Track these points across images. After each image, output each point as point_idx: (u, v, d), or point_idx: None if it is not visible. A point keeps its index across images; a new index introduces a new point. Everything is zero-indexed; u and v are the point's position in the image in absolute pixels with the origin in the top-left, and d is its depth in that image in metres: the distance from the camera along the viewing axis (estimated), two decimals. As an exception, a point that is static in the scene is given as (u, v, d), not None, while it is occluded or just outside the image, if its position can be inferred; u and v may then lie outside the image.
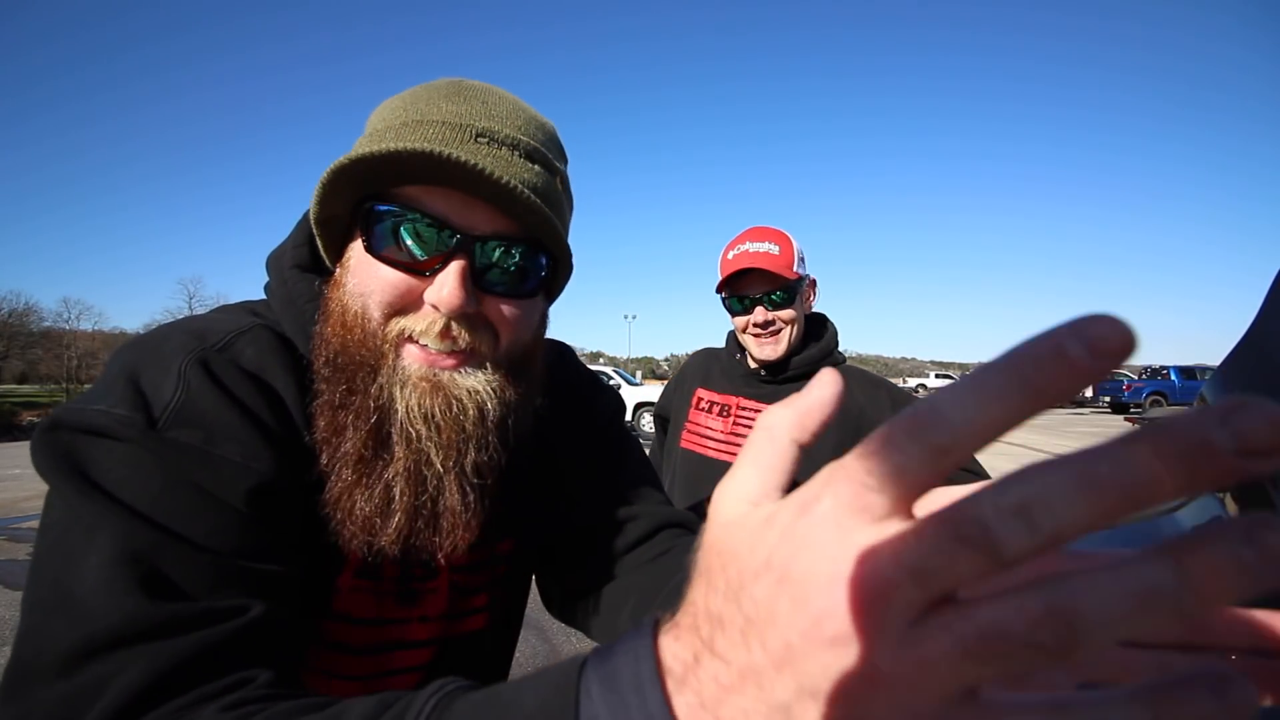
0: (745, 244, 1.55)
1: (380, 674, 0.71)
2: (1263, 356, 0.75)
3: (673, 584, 0.69)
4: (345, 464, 0.59)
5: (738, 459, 0.30)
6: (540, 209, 0.59)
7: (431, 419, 0.59)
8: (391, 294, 0.59)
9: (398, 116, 0.62)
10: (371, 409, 0.59)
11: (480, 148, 0.59)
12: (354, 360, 0.59)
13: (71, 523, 0.49)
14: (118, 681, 0.44)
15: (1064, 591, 0.19)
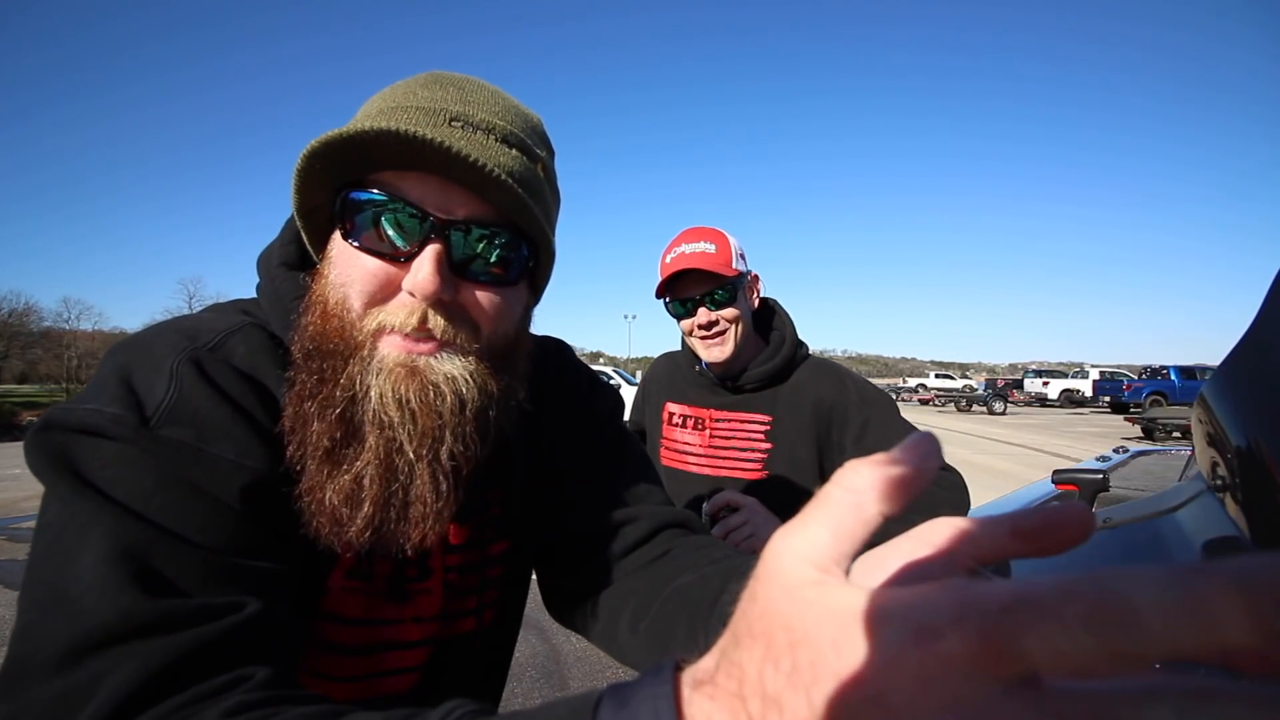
0: (681, 246, 1.53)
1: (373, 675, 0.70)
2: (1263, 356, 0.75)
3: (671, 589, 0.69)
4: (312, 455, 0.57)
5: (808, 511, 0.27)
6: (516, 192, 0.58)
7: (406, 404, 0.58)
8: (370, 283, 0.58)
9: (375, 106, 0.62)
10: (339, 397, 0.57)
11: (454, 131, 0.58)
12: (326, 349, 0.59)
13: (66, 522, 0.49)
14: (113, 678, 0.44)
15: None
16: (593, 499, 0.80)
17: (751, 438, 1.54)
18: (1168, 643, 0.18)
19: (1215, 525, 0.78)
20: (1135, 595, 0.18)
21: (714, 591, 0.63)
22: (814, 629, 0.24)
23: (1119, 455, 2.65)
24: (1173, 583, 0.18)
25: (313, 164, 0.56)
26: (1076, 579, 0.19)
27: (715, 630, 0.58)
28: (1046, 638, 0.19)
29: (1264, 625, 0.17)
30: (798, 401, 1.53)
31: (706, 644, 0.55)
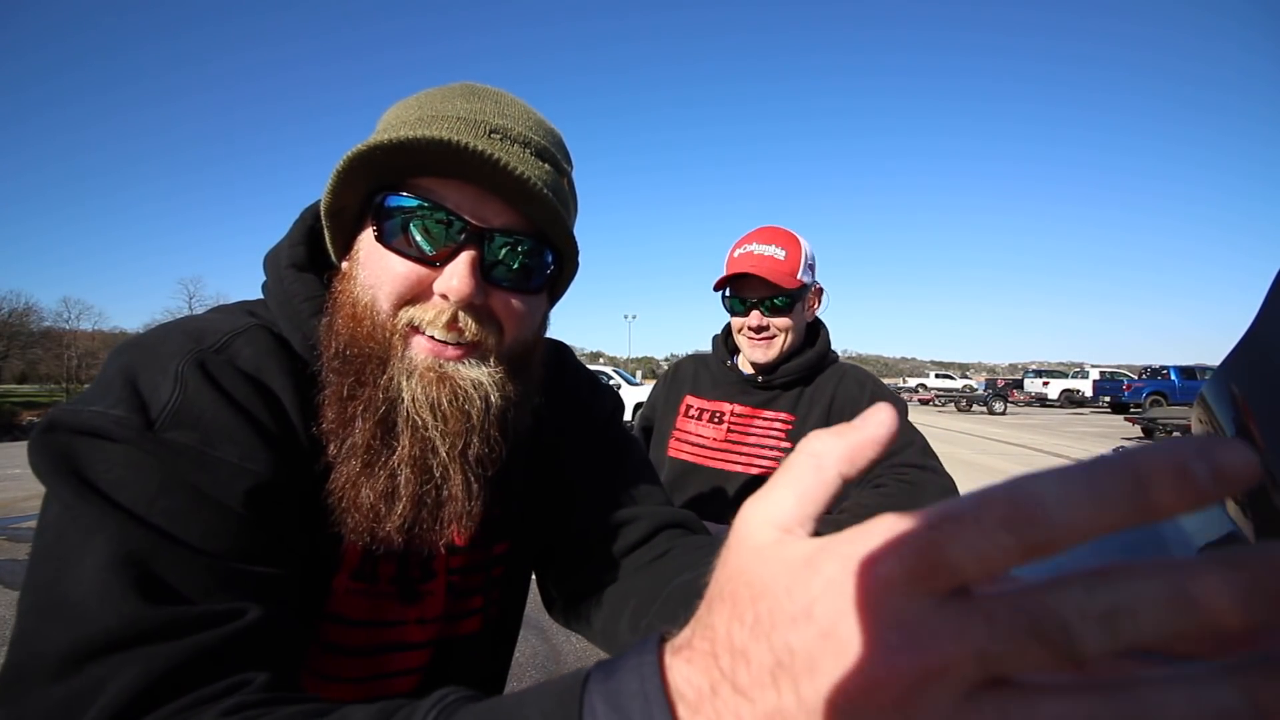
0: (752, 245, 1.54)
1: (376, 676, 0.71)
2: (1263, 356, 0.75)
3: (672, 588, 0.69)
4: (353, 454, 0.59)
5: (774, 478, 0.29)
6: (553, 204, 0.61)
7: (438, 408, 0.60)
8: (402, 284, 0.60)
9: (411, 113, 0.62)
10: (380, 400, 0.59)
11: (495, 142, 0.60)
12: (363, 352, 0.60)
13: (68, 525, 0.49)
14: (114, 684, 0.43)
15: (1136, 706, 0.19)
16: (593, 500, 0.80)
17: (772, 435, 1.55)
18: (1073, 527, 0.20)
19: (1215, 525, 0.78)
20: (1041, 491, 0.20)
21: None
22: (770, 580, 0.25)
23: (1119, 455, 2.65)
24: (1070, 476, 0.20)
25: (356, 166, 0.57)
26: (989, 489, 0.22)
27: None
28: (971, 544, 0.21)
29: (1146, 497, 0.19)
30: (817, 401, 1.54)
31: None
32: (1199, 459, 0.19)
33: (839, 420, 1.48)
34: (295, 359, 0.63)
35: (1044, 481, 0.21)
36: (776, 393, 1.59)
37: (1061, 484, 0.20)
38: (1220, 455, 0.19)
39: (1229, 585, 0.19)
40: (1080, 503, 0.20)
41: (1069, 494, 0.20)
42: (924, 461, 1.37)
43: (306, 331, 0.64)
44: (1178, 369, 28.95)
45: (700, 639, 0.28)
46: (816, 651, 0.23)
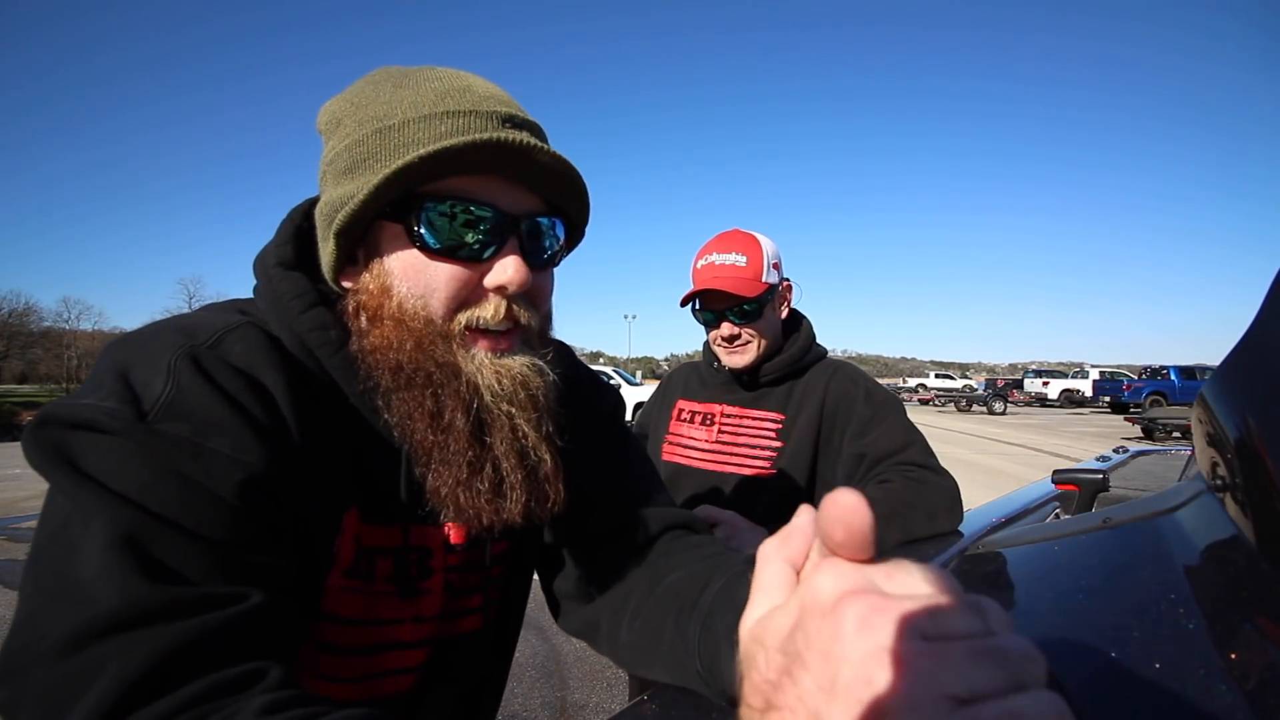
0: (713, 255, 1.53)
1: (371, 675, 0.70)
2: (1263, 356, 0.75)
3: (662, 587, 0.69)
4: (457, 461, 0.62)
5: (752, 588, 0.38)
6: (581, 182, 0.65)
7: (515, 398, 0.63)
8: (456, 288, 0.62)
9: (405, 111, 0.61)
10: (466, 405, 0.62)
11: (513, 132, 0.60)
12: (433, 363, 0.61)
13: (70, 512, 0.50)
14: (117, 664, 0.44)
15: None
16: (597, 501, 0.80)
17: (763, 435, 1.54)
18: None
19: (1215, 525, 0.78)
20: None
21: (698, 587, 0.63)
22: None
23: (1119, 455, 2.65)
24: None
25: (396, 181, 0.57)
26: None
27: (698, 625, 0.59)
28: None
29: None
30: (808, 399, 1.53)
31: (688, 640, 0.58)
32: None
33: (833, 418, 1.49)
34: (286, 356, 0.63)
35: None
36: (764, 391, 1.58)
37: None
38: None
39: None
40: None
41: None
42: (926, 461, 1.37)
43: (297, 329, 0.64)
44: (1178, 369, 28.94)
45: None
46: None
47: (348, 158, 0.62)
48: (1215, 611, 0.64)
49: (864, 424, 1.45)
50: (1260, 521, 0.69)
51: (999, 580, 0.91)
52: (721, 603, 0.58)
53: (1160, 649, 0.59)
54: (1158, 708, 0.53)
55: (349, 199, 0.59)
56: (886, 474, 1.35)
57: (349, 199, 0.59)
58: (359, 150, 0.61)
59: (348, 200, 0.59)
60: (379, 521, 0.68)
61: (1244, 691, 0.51)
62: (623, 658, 0.75)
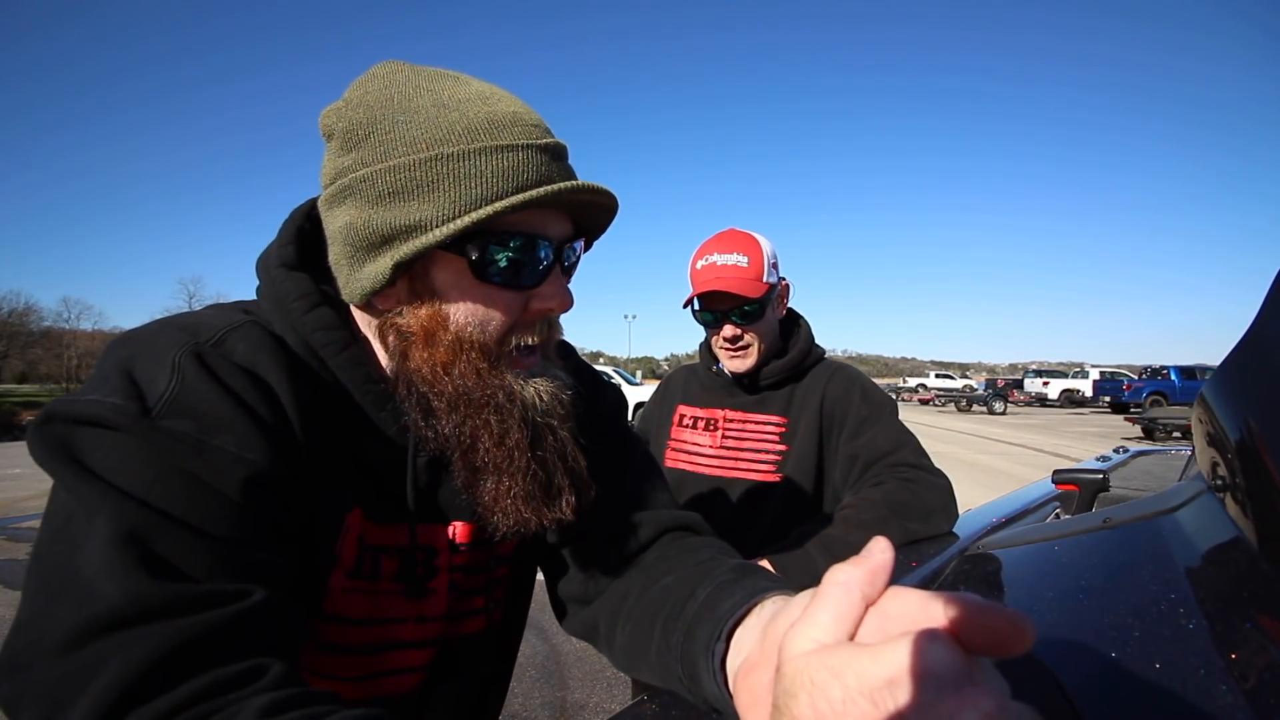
0: (713, 255, 1.51)
1: (375, 675, 0.70)
2: (1263, 356, 0.75)
3: (655, 590, 0.69)
4: (519, 474, 0.65)
5: (811, 605, 0.36)
6: (617, 211, 0.70)
7: (554, 410, 0.68)
8: (511, 315, 0.65)
9: (459, 139, 0.60)
10: (524, 424, 0.66)
11: (561, 166, 0.65)
12: (494, 387, 0.64)
13: (73, 509, 0.50)
14: (119, 660, 0.44)
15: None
16: (599, 501, 0.80)
17: (766, 439, 1.54)
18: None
19: (1215, 525, 0.78)
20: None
21: (686, 595, 0.63)
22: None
23: (1119, 455, 2.65)
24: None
25: (473, 224, 0.59)
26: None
27: (681, 633, 0.59)
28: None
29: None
30: (808, 401, 1.53)
31: (672, 646, 0.60)
32: None
33: (831, 419, 1.49)
34: (290, 355, 0.63)
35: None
36: (766, 394, 1.58)
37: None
38: None
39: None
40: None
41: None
42: (919, 461, 1.37)
43: (301, 329, 0.64)
44: (1178, 369, 28.93)
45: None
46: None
47: (395, 180, 0.59)
48: (1215, 611, 0.64)
49: (859, 424, 1.45)
50: (1260, 521, 0.69)
51: (999, 581, 0.91)
52: (705, 613, 0.58)
53: (1160, 649, 0.59)
54: (1158, 708, 0.53)
55: (411, 231, 0.59)
56: (880, 475, 1.35)
57: (411, 231, 0.59)
58: (415, 175, 0.59)
59: (411, 232, 0.59)
60: (384, 521, 0.68)
61: (1244, 691, 0.51)
62: (618, 659, 0.75)
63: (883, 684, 0.30)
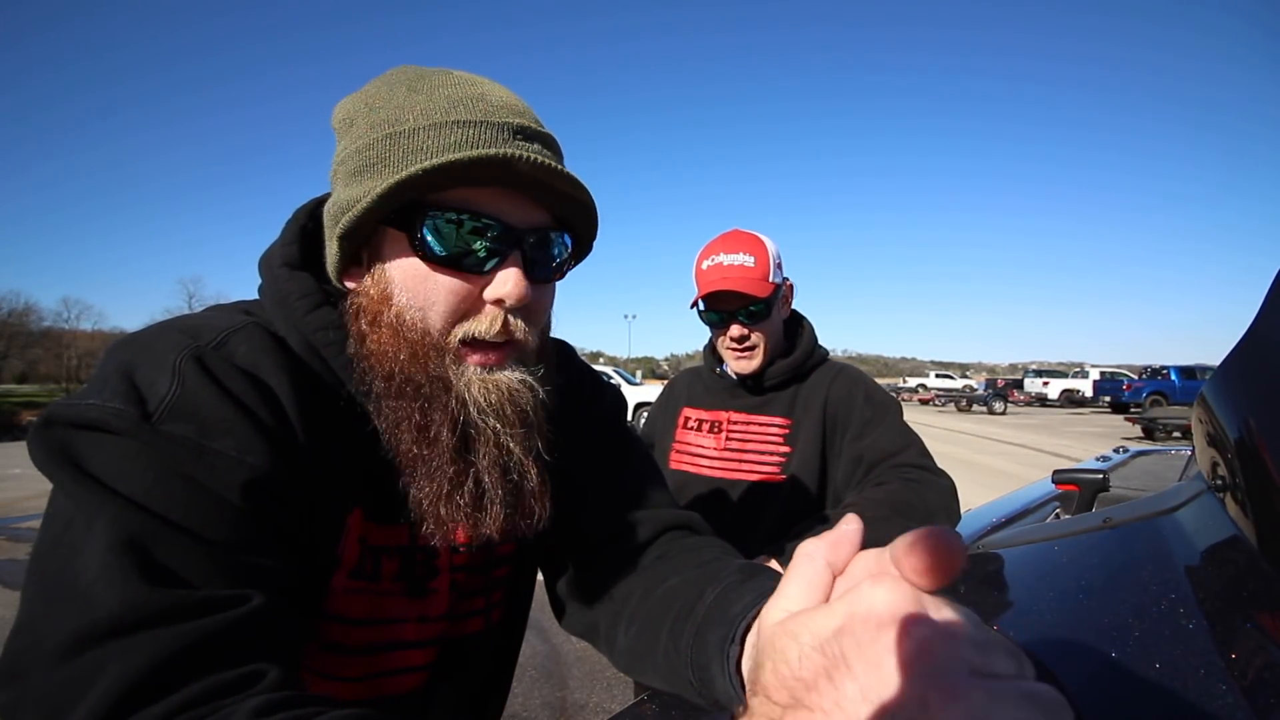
0: (719, 255, 1.51)
1: (377, 674, 0.70)
2: (1263, 356, 0.75)
3: (660, 592, 0.69)
4: (439, 474, 0.62)
5: (783, 580, 0.38)
6: (588, 198, 0.63)
7: (502, 413, 0.63)
8: (455, 300, 0.61)
9: (416, 118, 0.60)
10: (454, 419, 0.61)
11: (521, 144, 0.60)
12: (425, 375, 0.61)
13: (72, 514, 0.50)
14: (117, 668, 0.44)
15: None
16: (599, 500, 0.80)
17: (770, 440, 1.54)
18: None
19: (1215, 525, 0.78)
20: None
21: (694, 596, 0.63)
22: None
23: (1119, 455, 2.65)
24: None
25: (401, 190, 0.57)
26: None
27: (690, 635, 0.59)
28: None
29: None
30: (812, 402, 1.53)
31: (681, 649, 0.59)
32: None
33: (835, 419, 1.49)
34: (292, 356, 0.63)
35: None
36: (770, 396, 1.58)
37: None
38: None
39: None
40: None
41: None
42: (923, 462, 1.38)
43: (303, 329, 0.63)
44: (1178, 369, 28.91)
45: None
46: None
47: (357, 160, 0.61)
48: (1215, 611, 0.64)
49: (863, 426, 1.45)
50: (1260, 521, 0.69)
51: (999, 580, 0.91)
52: (715, 614, 0.58)
53: (1160, 649, 0.59)
54: (1158, 708, 0.53)
55: (355, 203, 0.59)
56: (884, 475, 1.35)
57: (355, 203, 0.59)
58: (368, 154, 0.60)
59: (354, 204, 0.59)
60: (385, 521, 0.68)
61: (1244, 691, 0.51)
62: (620, 661, 0.75)
63: (831, 635, 0.32)
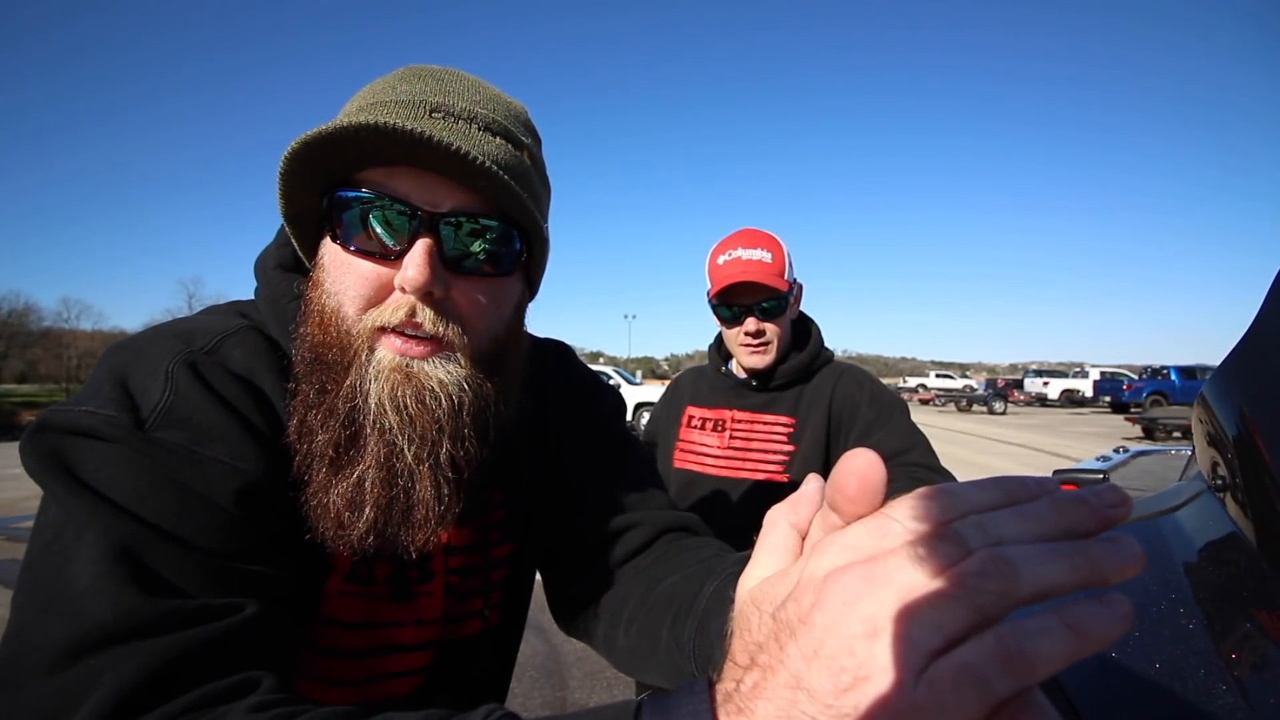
0: (737, 250, 1.52)
1: (373, 678, 0.70)
2: (1263, 356, 0.75)
3: (659, 591, 0.69)
4: (319, 461, 0.58)
5: (755, 548, 0.39)
6: (503, 180, 0.57)
7: (404, 409, 0.58)
8: (364, 286, 0.58)
9: (355, 104, 0.61)
10: (342, 407, 0.57)
11: (435, 121, 0.57)
12: (328, 359, 0.58)
13: (63, 522, 0.49)
14: (111, 676, 0.43)
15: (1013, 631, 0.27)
16: (597, 502, 0.80)
17: (774, 439, 1.54)
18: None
19: (1215, 525, 0.78)
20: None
21: (694, 591, 0.63)
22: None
23: (1119, 455, 2.64)
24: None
25: (295, 166, 0.55)
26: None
27: (693, 628, 0.59)
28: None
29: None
30: (817, 402, 1.54)
31: (683, 643, 0.59)
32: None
33: (840, 419, 1.50)
34: (285, 360, 0.63)
35: (1022, 555, 0.28)
36: (774, 395, 1.58)
37: (1037, 556, 0.28)
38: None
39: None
40: (1053, 570, 0.28)
41: (1043, 561, 0.28)
42: (930, 462, 1.38)
43: (293, 332, 0.63)
44: (1178, 369, 28.89)
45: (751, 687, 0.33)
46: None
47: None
48: (1215, 611, 0.64)
49: (868, 426, 1.46)
50: (1260, 521, 0.68)
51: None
52: (715, 605, 0.58)
53: (1160, 649, 0.59)
54: (1158, 707, 0.53)
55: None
56: (891, 475, 1.35)
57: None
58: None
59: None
60: None
61: (1244, 691, 0.51)
62: (620, 662, 0.74)
63: (782, 601, 0.33)
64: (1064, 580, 0.28)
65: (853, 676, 0.29)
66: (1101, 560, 0.28)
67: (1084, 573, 0.28)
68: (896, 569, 0.29)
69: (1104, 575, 0.28)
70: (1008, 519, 0.30)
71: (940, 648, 0.28)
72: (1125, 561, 0.28)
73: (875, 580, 0.30)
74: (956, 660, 0.27)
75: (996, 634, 0.27)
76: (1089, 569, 0.28)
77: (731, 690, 0.34)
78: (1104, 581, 0.28)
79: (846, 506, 0.33)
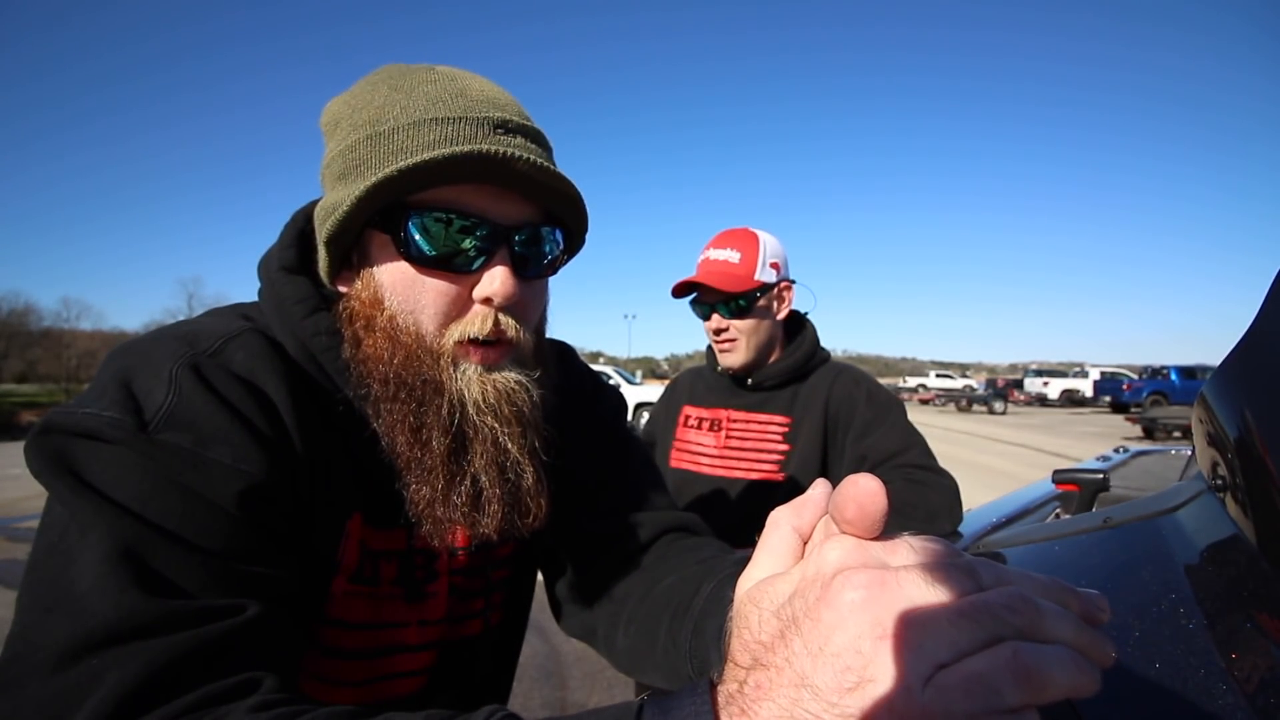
0: (709, 250, 1.56)
1: (377, 678, 0.71)
2: (1263, 356, 0.75)
3: (657, 591, 0.69)
4: (434, 474, 0.61)
5: (756, 550, 0.40)
6: (575, 192, 0.62)
7: (499, 413, 0.62)
8: (444, 302, 0.61)
9: (396, 117, 0.60)
10: (447, 419, 0.61)
11: (505, 139, 0.59)
12: (419, 378, 0.61)
13: (68, 523, 0.50)
14: (113, 677, 0.44)
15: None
16: (598, 502, 0.80)
17: (769, 439, 1.55)
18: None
19: (1215, 525, 0.78)
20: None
21: (691, 592, 0.64)
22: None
23: (1119, 455, 2.64)
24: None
25: (375, 193, 0.56)
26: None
27: (689, 629, 0.59)
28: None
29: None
30: (813, 402, 1.54)
31: (680, 644, 0.60)
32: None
33: (837, 418, 1.50)
34: (289, 362, 0.63)
35: (1043, 616, 0.30)
36: (769, 394, 1.58)
37: (1055, 620, 0.31)
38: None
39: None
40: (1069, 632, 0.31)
41: (1060, 625, 0.31)
42: (926, 462, 1.38)
43: (300, 334, 0.63)
44: (1178, 369, 28.88)
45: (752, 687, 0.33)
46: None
47: (341, 163, 0.61)
48: (1216, 611, 0.64)
49: (866, 426, 1.46)
50: (1260, 521, 0.68)
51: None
52: (711, 606, 0.58)
53: (1160, 649, 0.59)
54: (1158, 708, 0.53)
55: (338, 207, 0.59)
56: (887, 475, 1.35)
57: (338, 207, 0.59)
58: (351, 156, 0.60)
59: (337, 208, 0.59)
60: (383, 525, 0.68)
61: (1244, 691, 0.51)
62: (619, 662, 0.75)
63: (785, 599, 0.33)
64: (1069, 637, 0.30)
65: (859, 676, 0.29)
66: (1092, 634, 0.32)
67: (1085, 639, 0.31)
68: (909, 582, 0.30)
69: (1089, 650, 0.31)
70: (1009, 573, 0.32)
71: (948, 662, 0.28)
72: (1105, 654, 0.31)
73: (887, 585, 0.30)
74: (967, 669, 0.28)
75: (1013, 647, 0.28)
76: (1087, 637, 0.31)
77: (734, 692, 0.34)
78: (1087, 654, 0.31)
79: (844, 528, 0.34)
